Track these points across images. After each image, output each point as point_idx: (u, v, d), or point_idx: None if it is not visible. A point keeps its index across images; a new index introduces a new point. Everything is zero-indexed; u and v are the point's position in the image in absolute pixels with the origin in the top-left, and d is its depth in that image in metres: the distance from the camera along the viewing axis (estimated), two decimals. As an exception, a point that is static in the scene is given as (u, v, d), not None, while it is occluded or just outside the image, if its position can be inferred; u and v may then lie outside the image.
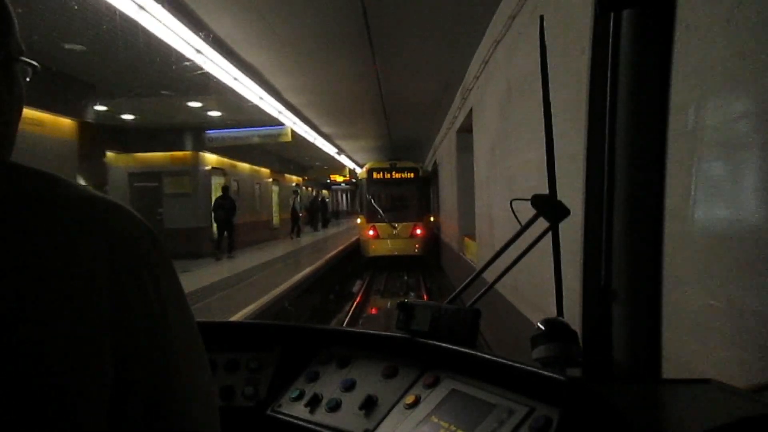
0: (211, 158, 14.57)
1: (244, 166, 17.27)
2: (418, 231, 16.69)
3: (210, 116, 12.00)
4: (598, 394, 0.79)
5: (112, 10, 4.94)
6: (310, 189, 30.85)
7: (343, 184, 33.78)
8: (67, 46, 6.72)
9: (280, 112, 10.67)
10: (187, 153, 13.78)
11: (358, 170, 24.72)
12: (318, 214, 25.33)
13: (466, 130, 9.69)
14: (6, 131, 0.63)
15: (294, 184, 24.75)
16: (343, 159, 22.06)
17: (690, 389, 0.90)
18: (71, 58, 7.17)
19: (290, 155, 21.49)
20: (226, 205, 12.87)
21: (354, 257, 17.12)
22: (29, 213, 0.56)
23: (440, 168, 16.00)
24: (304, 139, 14.42)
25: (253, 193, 18.08)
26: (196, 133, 13.32)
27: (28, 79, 0.67)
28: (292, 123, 12.00)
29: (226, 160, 15.49)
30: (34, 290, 0.53)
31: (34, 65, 0.67)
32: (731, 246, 1.56)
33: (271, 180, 20.70)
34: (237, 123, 12.46)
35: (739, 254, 1.52)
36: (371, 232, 16.64)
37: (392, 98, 10.96)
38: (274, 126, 12.08)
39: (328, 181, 31.17)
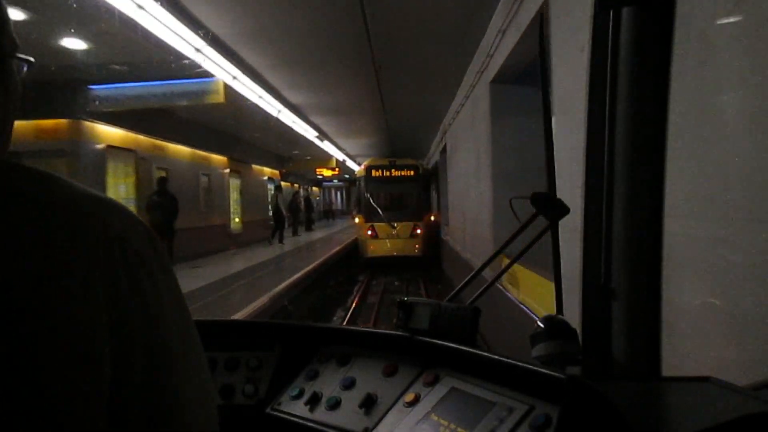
0: (107, 132, 9.62)
1: (181, 149, 12.50)
2: (419, 231, 16.55)
3: (75, 53, 7.12)
4: (597, 392, 0.79)
5: None
6: (296, 185, 27.14)
7: (335, 181, 30.69)
8: None
9: (198, 50, 6.62)
10: (62, 122, 8.71)
11: (349, 162, 24.02)
12: (299, 214, 21.37)
13: (511, 77, 5.67)
14: (2, 130, 0.62)
15: (266, 178, 20.18)
16: (327, 147, 17.93)
17: (689, 387, 0.90)
18: None
19: (259, 141, 16.84)
20: (165, 204, 9.42)
21: (334, 276, 13.75)
22: (25, 212, 0.56)
23: (453, 153, 12.26)
24: (266, 113, 10.43)
25: (197, 188, 13.57)
26: (75, 90, 8.43)
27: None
28: (231, 77, 7.93)
29: (143, 137, 10.70)
30: (29, 289, 0.53)
31: (29, 61, 0.66)
32: (731, 245, 1.56)
33: (227, 171, 15.88)
34: (134, 71, 7.82)
35: (739, 254, 1.52)
36: (370, 232, 16.54)
37: (387, 44, 6.86)
38: (197, 79, 7.86)
39: (319, 177, 26.92)
